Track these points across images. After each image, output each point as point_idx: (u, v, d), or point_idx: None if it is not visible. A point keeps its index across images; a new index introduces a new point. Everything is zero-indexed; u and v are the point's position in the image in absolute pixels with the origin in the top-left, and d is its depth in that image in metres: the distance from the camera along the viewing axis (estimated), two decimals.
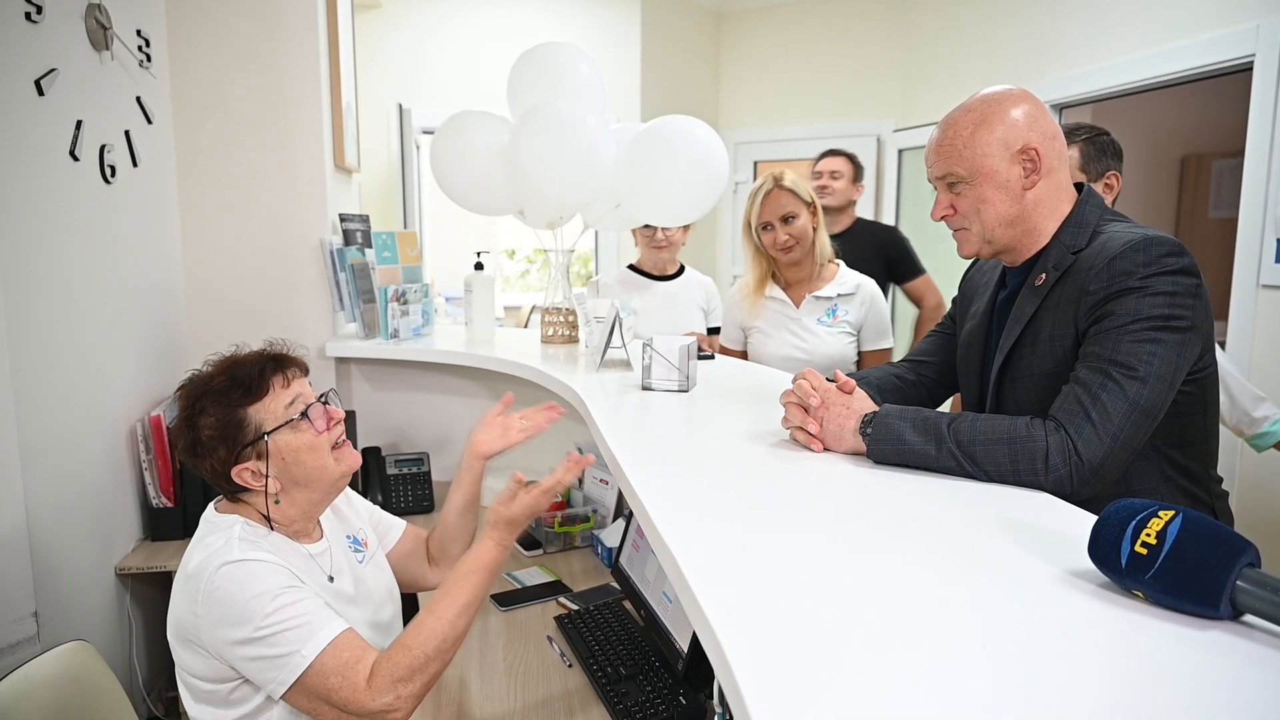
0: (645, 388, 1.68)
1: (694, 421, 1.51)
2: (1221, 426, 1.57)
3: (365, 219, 2.68)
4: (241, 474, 1.22)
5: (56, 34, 1.76)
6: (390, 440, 2.61)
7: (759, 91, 5.08)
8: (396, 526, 1.58)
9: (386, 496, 2.39)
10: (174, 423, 1.28)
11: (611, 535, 2.01)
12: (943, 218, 1.32)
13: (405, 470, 2.46)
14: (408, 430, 2.65)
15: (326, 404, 1.30)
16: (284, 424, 1.24)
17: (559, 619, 1.71)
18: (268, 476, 1.23)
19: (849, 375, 1.33)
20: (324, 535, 1.36)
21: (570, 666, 1.55)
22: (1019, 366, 1.28)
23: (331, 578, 1.31)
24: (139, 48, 2.11)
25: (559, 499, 2.18)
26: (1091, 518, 0.86)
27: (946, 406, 1.87)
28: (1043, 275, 1.25)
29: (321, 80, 2.42)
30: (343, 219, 2.54)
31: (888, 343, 2.41)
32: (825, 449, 1.22)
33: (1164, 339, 1.10)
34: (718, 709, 0.92)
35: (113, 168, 1.97)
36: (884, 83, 4.71)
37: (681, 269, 2.81)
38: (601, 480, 2.24)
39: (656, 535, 0.91)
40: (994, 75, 3.69)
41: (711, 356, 2.14)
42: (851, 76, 4.80)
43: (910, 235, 3.25)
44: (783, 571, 0.82)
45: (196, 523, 1.27)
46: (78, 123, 1.83)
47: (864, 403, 1.23)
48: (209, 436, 1.22)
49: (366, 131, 3.52)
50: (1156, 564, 0.71)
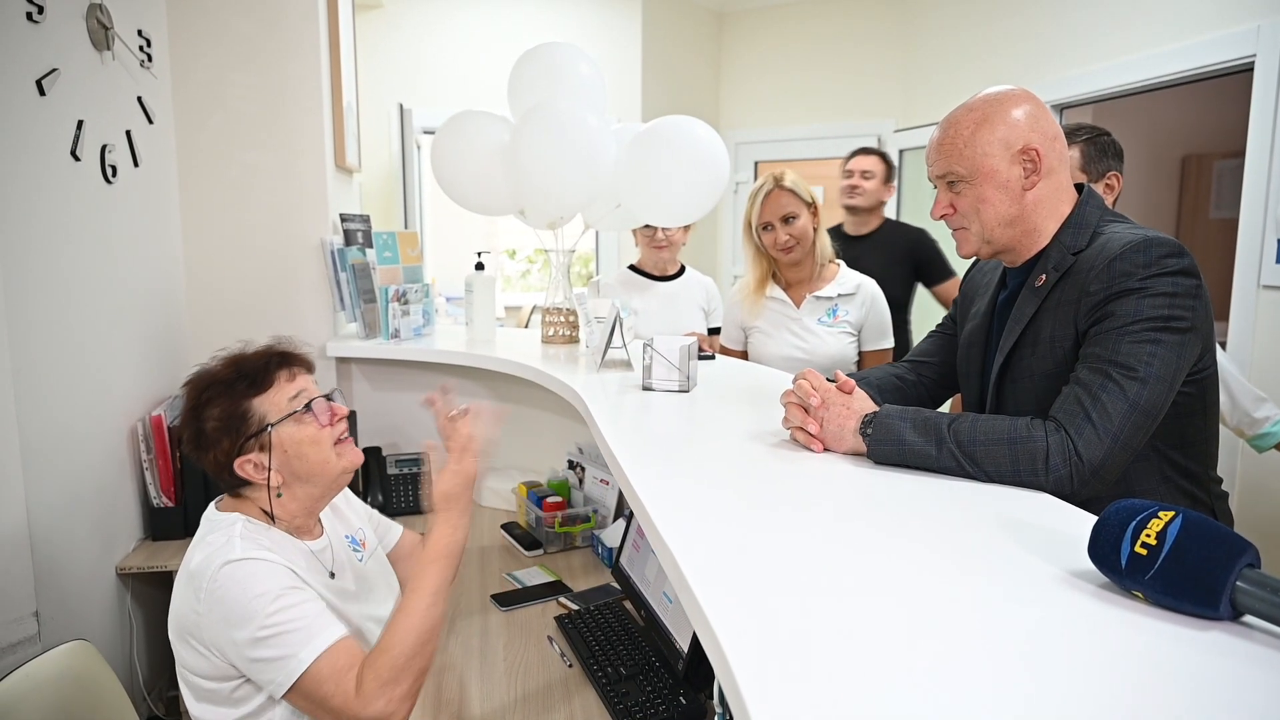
0: (645, 388, 1.68)
1: (694, 421, 1.51)
2: (1222, 427, 1.57)
3: (366, 219, 2.68)
4: (244, 466, 1.23)
5: (58, 34, 1.77)
6: (390, 440, 2.62)
7: (759, 91, 5.08)
8: (394, 530, 1.58)
9: (387, 496, 2.39)
10: (178, 417, 1.28)
11: (612, 535, 2.01)
12: (942, 216, 1.32)
13: (405, 470, 2.46)
14: (408, 430, 2.65)
15: (331, 401, 1.31)
16: (287, 416, 1.25)
17: (559, 619, 1.71)
18: (270, 469, 1.24)
19: (849, 375, 1.33)
20: (325, 532, 1.36)
21: (570, 666, 1.55)
22: (1019, 367, 1.28)
23: (333, 574, 1.32)
24: (140, 48, 2.11)
25: (559, 499, 2.18)
26: (1091, 518, 0.86)
27: (946, 407, 1.87)
28: (1043, 276, 1.25)
29: (322, 80, 2.42)
30: (343, 219, 2.54)
31: (888, 343, 2.41)
32: (825, 449, 1.23)
33: (1164, 340, 1.10)
34: (718, 709, 0.92)
35: (114, 167, 1.98)
36: (884, 83, 4.71)
37: (682, 269, 2.81)
38: (602, 480, 2.24)
39: (656, 535, 0.91)
40: (994, 75, 3.69)
41: (712, 357, 2.14)
42: (852, 76, 4.80)
43: None
44: (783, 571, 0.82)
45: (197, 522, 1.27)
46: (79, 122, 1.83)
47: (864, 403, 1.23)
48: (213, 428, 1.23)
49: (367, 131, 3.52)
50: (1156, 564, 0.71)
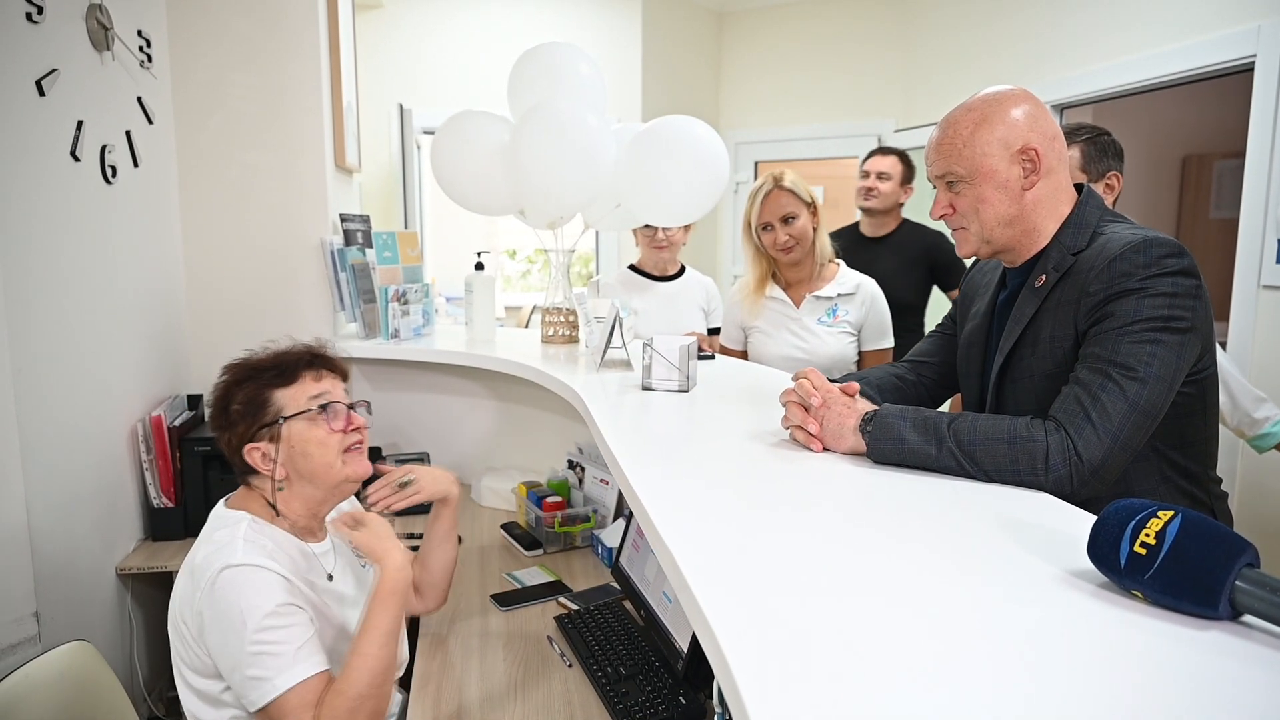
0: (645, 388, 1.68)
1: (694, 421, 1.51)
2: (1222, 427, 1.57)
3: (366, 219, 2.68)
4: (252, 453, 1.26)
5: (57, 34, 1.77)
6: (391, 440, 2.62)
7: (759, 91, 5.08)
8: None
9: None
10: (213, 392, 1.33)
11: (611, 535, 2.01)
12: (941, 216, 1.32)
13: None
14: (408, 430, 2.65)
15: (353, 410, 1.33)
16: (301, 413, 1.27)
17: (559, 619, 1.71)
18: (275, 462, 1.26)
19: (849, 375, 1.33)
20: (329, 537, 1.37)
21: (570, 666, 1.55)
22: (1019, 367, 1.28)
23: (331, 576, 1.32)
24: (140, 48, 2.11)
25: (559, 499, 2.18)
26: (1091, 518, 0.86)
27: (946, 407, 1.87)
28: (1043, 276, 1.25)
29: (322, 80, 2.42)
30: (343, 219, 2.54)
31: (888, 343, 2.41)
32: (825, 448, 1.23)
33: (1164, 340, 1.10)
34: (718, 709, 0.92)
35: (114, 168, 1.98)
36: (884, 83, 4.71)
37: (682, 269, 2.81)
38: (601, 480, 2.24)
39: (656, 535, 0.91)
40: (994, 75, 3.69)
41: (712, 356, 2.14)
42: (852, 76, 4.80)
43: None
44: (783, 571, 0.82)
45: (198, 523, 1.29)
46: (79, 123, 1.83)
47: (864, 402, 1.23)
48: (237, 410, 1.27)
49: (367, 131, 3.52)
50: (1156, 564, 0.71)
